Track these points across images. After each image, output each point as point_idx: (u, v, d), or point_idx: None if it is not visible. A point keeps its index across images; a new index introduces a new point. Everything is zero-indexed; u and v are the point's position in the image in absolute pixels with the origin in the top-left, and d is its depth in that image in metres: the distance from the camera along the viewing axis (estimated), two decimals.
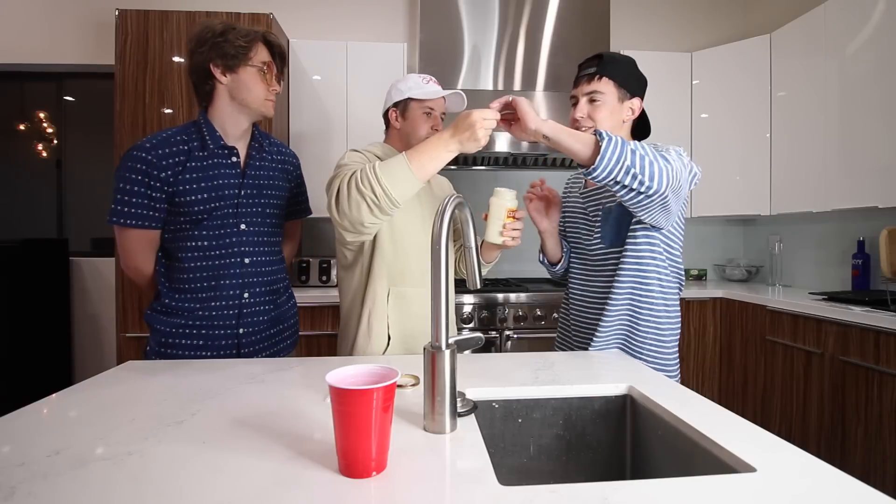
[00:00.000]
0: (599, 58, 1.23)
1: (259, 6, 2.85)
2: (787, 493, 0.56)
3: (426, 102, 1.29)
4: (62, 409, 0.81)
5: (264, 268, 1.30)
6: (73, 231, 3.01)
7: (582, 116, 1.21)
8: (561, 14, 2.78)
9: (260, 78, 1.22)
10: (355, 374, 0.65)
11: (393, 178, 1.03)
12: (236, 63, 1.19)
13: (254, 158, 1.29)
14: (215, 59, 1.19)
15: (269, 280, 1.31)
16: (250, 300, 1.27)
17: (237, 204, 1.25)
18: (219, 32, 1.18)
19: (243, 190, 1.26)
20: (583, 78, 1.24)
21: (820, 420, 2.08)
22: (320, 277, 2.74)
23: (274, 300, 1.33)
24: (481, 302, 2.45)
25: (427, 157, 1.05)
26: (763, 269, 3.09)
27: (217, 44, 1.18)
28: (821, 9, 2.40)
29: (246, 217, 1.26)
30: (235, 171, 1.25)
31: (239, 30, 1.20)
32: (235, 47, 1.18)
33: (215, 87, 1.22)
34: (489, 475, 0.60)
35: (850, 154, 2.26)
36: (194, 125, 1.25)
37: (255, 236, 1.28)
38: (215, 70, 1.20)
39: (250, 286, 1.27)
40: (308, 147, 2.73)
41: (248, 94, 1.22)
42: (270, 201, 1.32)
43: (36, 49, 2.84)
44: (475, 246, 0.89)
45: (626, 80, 1.22)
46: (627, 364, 1.11)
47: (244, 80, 1.21)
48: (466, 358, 1.16)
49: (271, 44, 1.25)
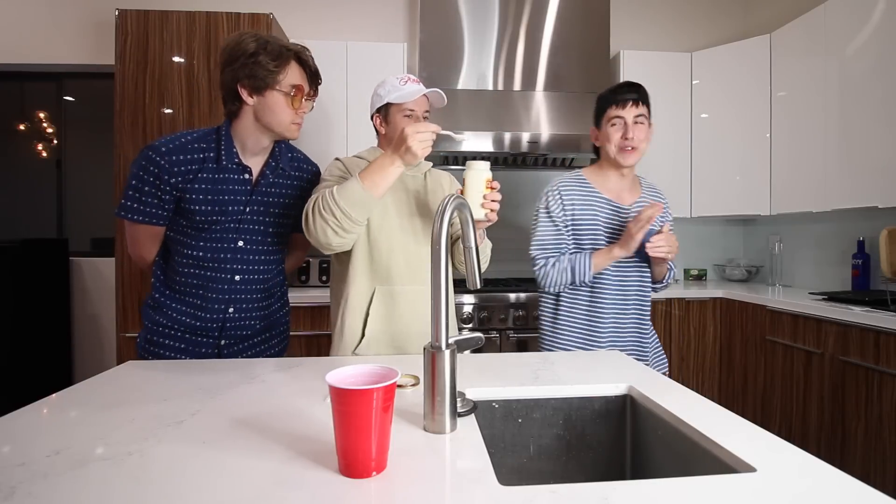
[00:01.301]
0: (638, 86, 1.42)
1: (259, 6, 2.85)
2: (787, 493, 0.56)
3: (404, 105, 1.29)
4: (62, 409, 0.81)
5: (256, 284, 1.28)
6: (73, 231, 3.01)
7: (633, 137, 1.39)
8: (561, 14, 2.78)
9: (286, 103, 1.19)
10: (355, 374, 0.65)
11: (350, 200, 1.10)
12: (264, 86, 1.17)
13: (267, 177, 1.27)
14: (244, 80, 1.16)
15: (261, 296, 1.30)
16: (235, 315, 1.26)
17: (240, 220, 1.24)
18: (250, 52, 1.15)
19: (249, 206, 1.24)
20: (628, 101, 1.39)
21: (820, 420, 2.08)
22: (320, 277, 2.74)
23: (263, 313, 1.31)
24: (481, 302, 2.45)
25: (378, 176, 1.12)
26: (763, 269, 3.09)
27: (247, 64, 1.15)
28: (821, 9, 2.40)
29: (246, 234, 1.25)
30: (245, 187, 1.24)
31: (271, 50, 1.16)
32: (265, 70, 1.15)
33: (242, 106, 1.20)
34: (489, 475, 0.60)
35: (850, 154, 2.26)
36: (216, 134, 1.23)
37: (251, 254, 1.27)
38: (242, 91, 1.17)
39: (237, 302, 1.26)
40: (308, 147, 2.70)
41: (273, 119, 1.19)
42: (276, 220, 1.30)
43: (36, 49, 2.84)
44: (475, 246, 0.89)
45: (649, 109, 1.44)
46: (627, 364, 1.11)
47: (270, 105, 1.18)
48: (466, 358, 1.16)
49: (304, 62, 1.22)
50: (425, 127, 1.10)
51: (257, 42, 1.16)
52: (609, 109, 1.41)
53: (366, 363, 0.68)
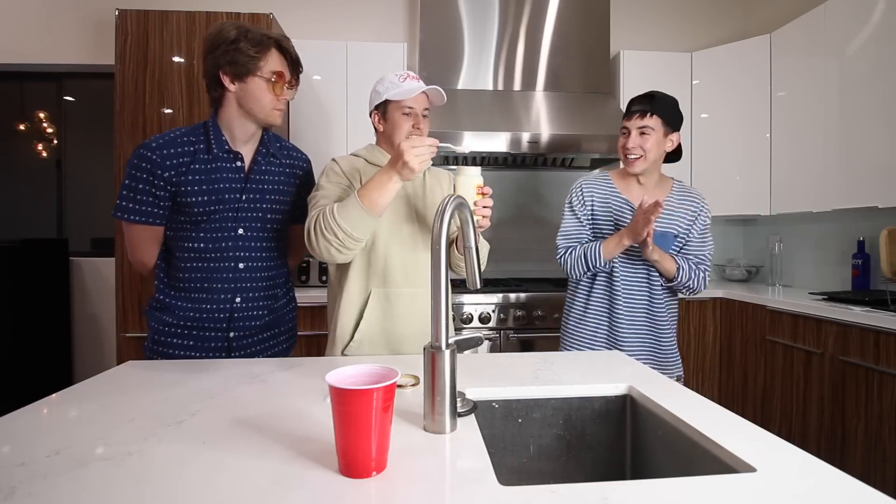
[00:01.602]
0: (651, 97, 1.48)
1: (259, 6, 2.85)
2: (787, 493, 0.56)
3: (403, 103, 1.28)
4: (62, 409, 0.81)
5: (260, 273, 1.29)
6: (73, 231, 3.01)
7: (633, 146, 1.47)
8: (561, 14, 2.78)
9: (268, 88, 1.21)
10: (355, 374, 0.65)
11: (350, 220, 1.11)
12: (245, 72, 1.19)
13: (259, 163, 1.29)
14: (225, 67, 1.19)
15: (266, 286, 1.31)
16: (242, 305, 1.26)
17: (237, 208, 1.25)
18: (231, 40, 1.17)
19: (245, 194, 1.26)
20: (636, 113, 1.48)
21: (820, 420, 2.08)
22: (320, 277, 2.74)
23: (270, 305, 1.32)
24: (481, 302, 2.45)
25: (376, 194, 1.11)
26: (763, 269, 3.08)
27: (228, 51, 1.17)
28: (821, 9, 2.40)
29: (245, 222, 1.26)
30: (239, 175, 1.25)
31: (251, 37, 1.18)
32: (246, 56, 1.17)
33: (224, 93, 1.22)
34: (489, 475, 0.60)
35: (850, 154, 2.26)
36: (203, 127, 1.25)
37: (253, 241, 1.28)
38: (224, 78, 1.20)
39: (243, 291, 1.26)
40: (308, 147, 2.70)
41: (255, 104, 1.22)
42: (273, 206, 1.31)
43: (36, 49, 2.84)
44: (476, 246, 0.89)
45: (671, 117, 1.49)
46: (627, 364, 1.11)
47: (252, 91, 1.20)
48: (466, 358, 1.16)
49: (285, 50, 1.23)
50: (421, 141, 1.08)
51: (238, 30, 1.18)
52: (623, 119, 1.53)
53: (366, 363, 0.68)
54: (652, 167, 1.50)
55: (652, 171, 1.52)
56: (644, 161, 1.47)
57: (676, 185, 1.58)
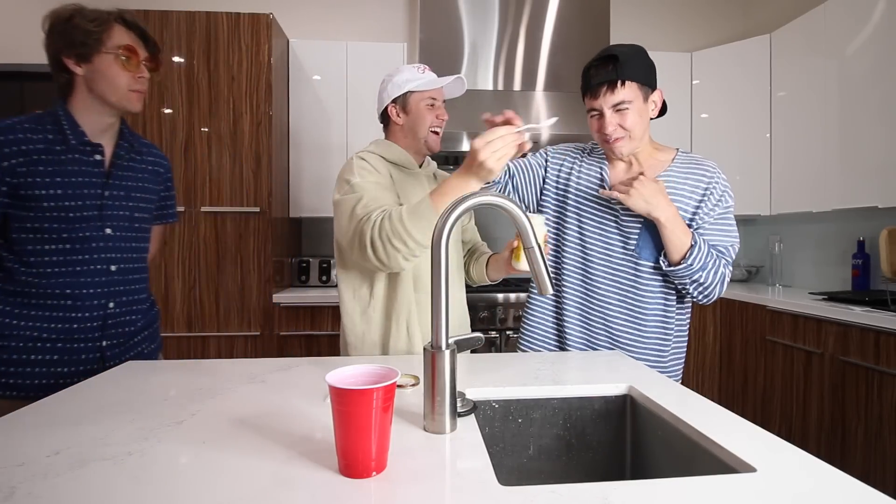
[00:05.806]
0: (615, 59, 1.11)
1: (259, 6, 2.85)
2: (787, 493, 0.56)
3: (427, 93, 1.25)
4: (62, 409, 0.81)
5: (132, 275, 1.21)
6: None
7: (613, 130, 1.15)
8: (561, 14, 2.78)
9: (119, 65, 1.10)
10: (355, 374, 0.65)
11: (423, 227, 1.04)
12: (88, 50, 1.07)
13: (122, 158, 1.19)
14: (64, 49, 1.08)
15: (138, 288, 1.23)
16: (116, 310, 1.17)
17: (101, 206, 1.14)
18: (65, 18, 1.07)
19: (108, 191, 1.15)
20: (602, 86, 1.13)
21: (820, 420, 2.08)
22: (320, 277, 2.74)
23: (141, 308, 1.25)
24: (481, 302, 2.45)
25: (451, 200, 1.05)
26: (763, 269, 3.08)
27: (64, 31, 1.07)
28: (821, 9, 2.40)
29: (112, 220, 1.16)
30: (98, 170, 1.15)
31: (87, 13, 1.08)
32: (84, 32, 1.06)
33: (72, 79, 1.10)
34: (489, 475, 0.60)
35: (850, 154, 2.26)
36: (50, 116, 1.12)
37: (122, 241, 1.18)
38: (68, 61, 1.08)
39: (116, 295, 1.17)
40: (308, 147, 2.73)
41: (108, 86, 1.10)
42: (140, 205, 1.22)
43: (36, 49, 2.81)
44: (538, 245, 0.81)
45: (645, 75, 1.16)
46: (627, 364, 1.11)
47: (101, 70, 1.09)
48: (466, 358, 1.16)
49: (130, 24, 1.12)
50: (495, 133, 0.93)
51: (74, 8, 1.09)
52: (585, 98, 1.19)
53: (365, 363, 0.68)
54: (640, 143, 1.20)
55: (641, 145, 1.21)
56: (630, 140, 1.17)
57: (681, 156, 1.25)
